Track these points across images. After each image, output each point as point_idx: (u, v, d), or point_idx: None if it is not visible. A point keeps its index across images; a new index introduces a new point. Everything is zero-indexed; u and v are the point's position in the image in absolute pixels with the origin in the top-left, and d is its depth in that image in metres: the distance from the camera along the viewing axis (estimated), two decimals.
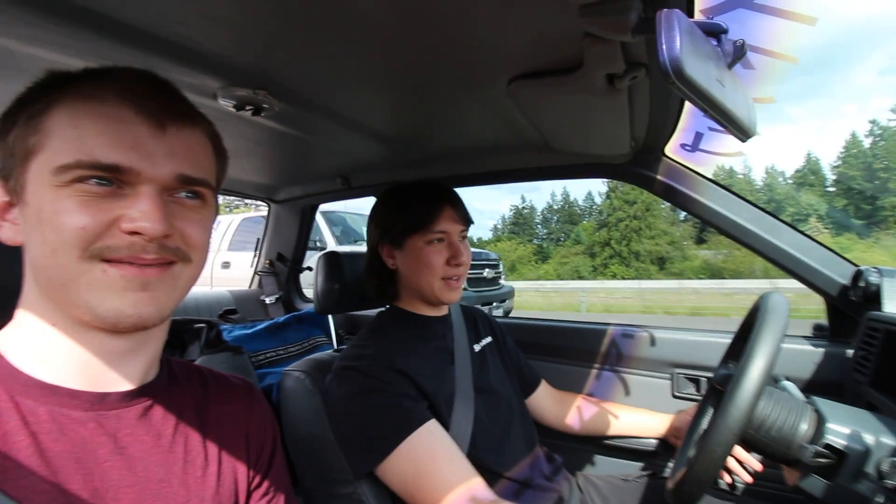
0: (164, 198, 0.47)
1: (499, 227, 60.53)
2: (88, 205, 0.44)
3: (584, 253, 48.53)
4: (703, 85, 0.42)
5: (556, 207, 58.92)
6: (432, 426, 0.86)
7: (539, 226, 60.26)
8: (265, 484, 0.63)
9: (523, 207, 61.46)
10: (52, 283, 0.45)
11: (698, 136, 1.03)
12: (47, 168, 0.44)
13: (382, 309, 1.14)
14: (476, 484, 0.81)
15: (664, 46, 0.38)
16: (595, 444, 1.33)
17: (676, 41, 0.38)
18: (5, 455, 0.42)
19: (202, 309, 1.96)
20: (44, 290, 0.47)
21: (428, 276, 1.00)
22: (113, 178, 0.45)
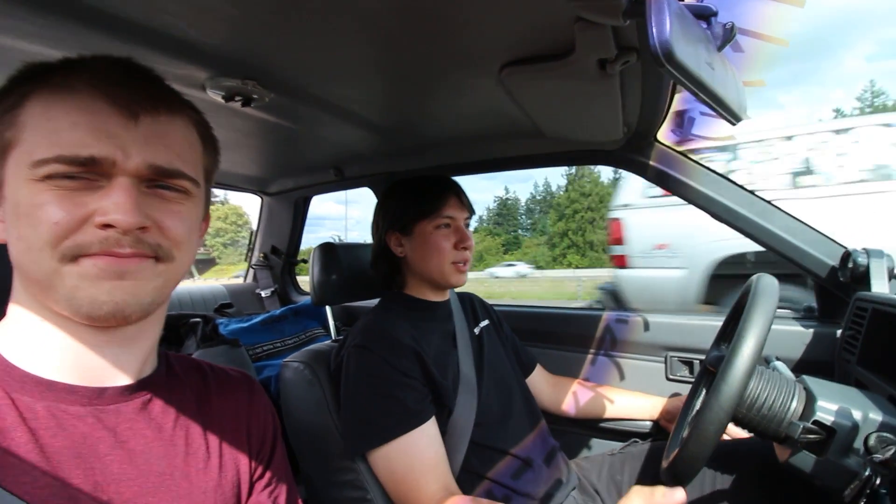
0: (141, 189, 0.46)
1: (484, 217, 60.74)
2: (64, 199, 0.43)
3: (545, 244, 50.11)
4: (693, 68, 0.42)
5: (538, 198, 59.19)
6: (429, 427, 0.88)
7: (523, 216, 60.64)
8: (267, 475, 0.63)
9: (507, 198, 61.66)
10: (31, 279, 0.45)
11: (690, 121, 1.03)
12: (24, 162, 0.43)
13: (386, 293, 1.16)
14: (455, 492, 0.85)
15: (654, 30, 0.38)
16: (590, 426, 1.35)
17: (666, 24, 0.38)
18: (4, 451, 0.42)
19: (197, 303, 1.96)
20: (27, 287, 0.47)
21: (438, 259, 1.04)
22: (88, 173, 0.44)
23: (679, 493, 0.70)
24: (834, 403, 0.67)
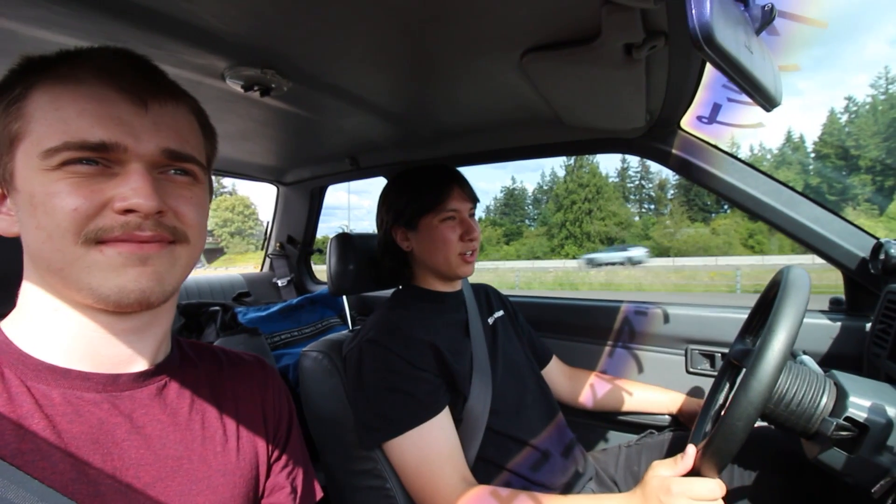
0: (154, 175, 0.47)
1: (491, 207, 60.25)
2: (80, 186, 0.43)
3: (544, 234, 50.43)
4: (732, 52, 0.40)
5: (545, 188, 58.62)
6: (442, 419, 0.89)
7: (530, 206, 60.25)
8: (284, 457, 0.64)
9: (513, 188, 61.23)
10: (51, 268, 0.45)
11: (716, 108, 0.99)
12: (34, 153, 0.43)
13: (398, 288, 1.16)
14: (472, 483, 0.86)
15: (694, 11, 0.36)
16: (607, 419, 1.34)
17: (707, 5, 0.36)
18: (23, 438, 0.42)
19: (216, 292, 1.99)
20: (44, 276, 0.47)
21: (445, 252, 1.04)
22: (101, 158, 0.44)
23: (690, 449, 0.72)
24: (866, 399, 0.65)
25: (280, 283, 2.21)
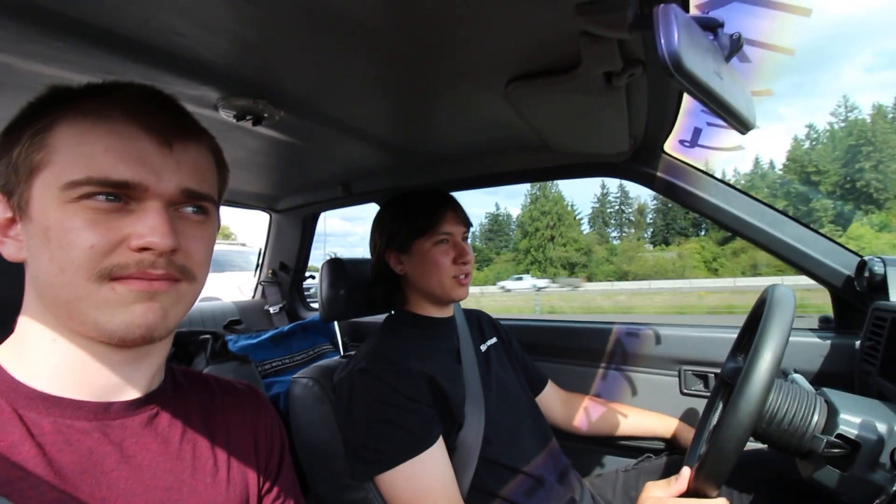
0: (170, 212, 0.48)
1: (477, 234, 61.30)
2: (97, 223, 0.44)
3: (511, 260, 52.95)
4: (702, 78, 0.42)
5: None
6: (435, 451, 0.87)
7: (514, 231, 61.46)
8: (275, 489, 0.63)
9: (497, 214, 62.42)
10: (58, 301, 0.45)
11: (697, 132, 1.03)
12: (55, 184, 0.44)
13: (390, 313, 1.15)
14: None
15: (662, 41, 0.38)
16: (603, 443, 1.32)
17: (675, 35, 0.38)
18: (13, 466, 0.42)
19: (207, 320, 1.96)
20: (48, 306, 0.47)
21: (438, 275, 1.03)
22: (121, 194, 0.45)
23: (685, 470, 0.73)
24: (857, 416, 0.65)
25: (272, 310, 2.19)
